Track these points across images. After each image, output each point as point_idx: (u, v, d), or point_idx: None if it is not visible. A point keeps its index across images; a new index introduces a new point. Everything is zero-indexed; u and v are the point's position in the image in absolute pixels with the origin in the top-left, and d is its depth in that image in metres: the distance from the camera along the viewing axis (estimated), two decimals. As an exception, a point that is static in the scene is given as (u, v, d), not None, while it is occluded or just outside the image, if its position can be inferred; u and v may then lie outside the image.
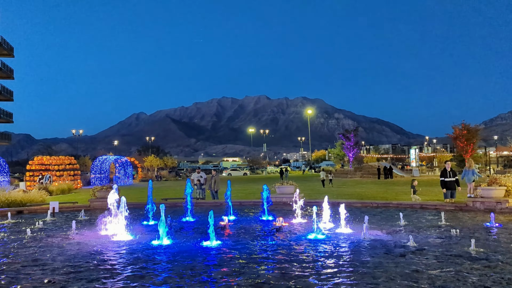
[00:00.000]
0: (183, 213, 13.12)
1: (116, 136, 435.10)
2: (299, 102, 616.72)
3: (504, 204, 13.43)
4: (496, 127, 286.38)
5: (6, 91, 56.89)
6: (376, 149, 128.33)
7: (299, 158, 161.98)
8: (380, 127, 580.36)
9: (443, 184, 15.99)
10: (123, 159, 47.18)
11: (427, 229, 10.17)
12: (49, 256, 7.91)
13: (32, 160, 36.54)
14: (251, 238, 9.40)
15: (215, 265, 6.95)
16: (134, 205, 17.21)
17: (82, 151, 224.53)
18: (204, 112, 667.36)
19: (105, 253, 8.04)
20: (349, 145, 59.85)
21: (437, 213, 12.77)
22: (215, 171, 20.76)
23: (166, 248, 8.38)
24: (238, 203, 16.71)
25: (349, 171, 52.26)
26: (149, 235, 9.94)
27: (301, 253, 7.75)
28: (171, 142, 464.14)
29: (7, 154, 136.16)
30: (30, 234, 10.42)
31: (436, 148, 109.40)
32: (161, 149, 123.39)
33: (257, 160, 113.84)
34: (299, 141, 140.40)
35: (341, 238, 9.23)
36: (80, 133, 76.72)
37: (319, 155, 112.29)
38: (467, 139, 50.69)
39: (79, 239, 9.65)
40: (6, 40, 54.40)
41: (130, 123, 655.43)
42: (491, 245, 8.15)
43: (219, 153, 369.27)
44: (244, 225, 11.38)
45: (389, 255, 7.39)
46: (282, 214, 12.66)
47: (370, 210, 14.28)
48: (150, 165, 64.78)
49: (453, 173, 16.05)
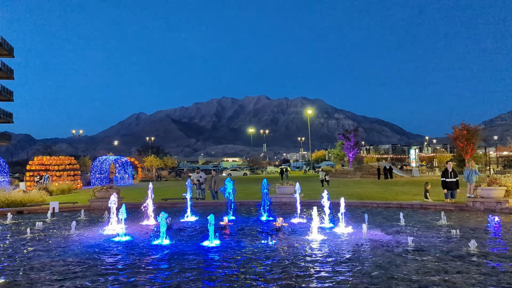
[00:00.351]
0: (183, 213, 13.12)
1: (116, 136, 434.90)
2: (299, 102, 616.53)
3: (504, 204, 13.43)
4: (496, 127, 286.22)
5: (6, 91, 56.86)
6: (376, 149, 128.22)
7: (299, 158, 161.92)
8: (380, 127, 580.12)
9: (444, 184, 15.99)
10: (123, 159, 47.15)
11: (427, 229, 10.17)
12: (49, 256, 7.90)
13: (32, 160, 36.52)
14: (251, 238, 9.39)
15: (214, 265, 6.95)
16: (133, 205, 17.22)
17: (82, 151, 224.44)
18: (204, 112, 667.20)
19: (105, 253, 8.03)
20: (349, 145, 59.79)
21: (437, 213, 12.76)
22: (214, 171, 20.77)
23: (166, 248, 8.37)
24: (238, 203, 16.68)
25: (349, 171, 52.22)
26: (149, 235, 9.94)
27: (301, 253, 7.75)
28: (171, 142, 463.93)
29: (7, 154, 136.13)
30: (30, 234, 10.41)
31: (436, 148, 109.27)
32: (161, 149, 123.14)
33: (257, 160, 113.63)
34: (299, 141, 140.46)
35: (341, 238, 9.22)
36: (80, 133, 76.75)
37: (319, 155, 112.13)
38: (467, 139, 50.68)
39: (79, 239, 9.65)
40: (6, 41, 54.37)
41: (130, 123, 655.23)
42: (491, 245, 8.15)
43: (219, 153, 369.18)
44: (244, 225, 11.38)
45: (389, 255, 7.38)
46: (282, 214, 12.65)
47: (370, 210, 14.27)
48: (150, 165, 64.70)
49: (454, 174, 16.05)
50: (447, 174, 16.00)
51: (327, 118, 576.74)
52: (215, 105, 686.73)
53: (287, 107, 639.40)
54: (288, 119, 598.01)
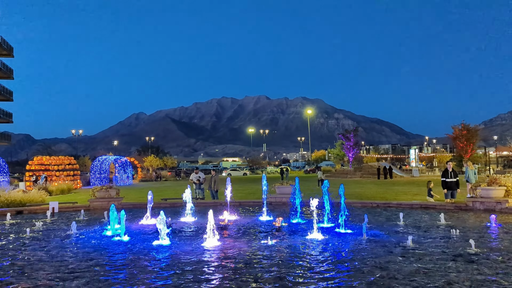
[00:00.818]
0: (182, 213, 13.12)
1: (116, 136, 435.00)
2: (299, 102, 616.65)
3: (504, 204, 13.43)
4: (495, 127, 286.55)
5: (5, 91, 56.85)
6: (376, 149, 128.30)
7: (299, 158, 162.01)
8: (380, 127, 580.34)
9: (444, 184, 15.98)
10: (123, 159, 47.12)
11: (427, 229, 10.17)
12: (49, 256, 7.90)
13: (32, 160, 36.51)
14: (251, 238, 9.39)
15: (213, 265, 6.95)
16: (133, 205, 17.23)
17: (82, 151, 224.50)
18: (204, 112, 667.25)
19: (105, 254, 8.03)
20: (349, 145, 59.80)
21: (437, 213, 12.76)
22: (214, 171, 20.80)
23: (166, 248, 8.37)
24: (238, 203, 16.71)
25: (349, 171, 52.23)
26: (149, 235, 9.94)
27: (300, 253, 7.74)
28: (170, 142, 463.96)
29: (7, 154, 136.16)
30: (29, 234, 10.41)
31: (436, 148, 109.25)
32: (160, 149, 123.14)
33: (257, 160, 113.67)
34: (298, 141, 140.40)
35: (340, 238, 9.22)
36: (80, 133, 76.67)
37: (319, 155, 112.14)
38: (467, 139, 50.73)
39: (79, 239, 9.64)
40: (6, 40, 54.37)
41: (129, 123, 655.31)
42: (491, 245, 8.15)
43: (219, 153, 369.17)
44: (243, 225, 11.37)
45: (389, 255, 7.38)
46: (281, 214, 12.65)
47: (370, 210, 14.27)
48: (150, 165, 64.68)
49: (454, 174, 16.04)
50: (447, 174, 16.00)
51: (327, 118, 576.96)
52: (215, 105, 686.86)
53: (287, 107, 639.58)
54: (288, 119, 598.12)
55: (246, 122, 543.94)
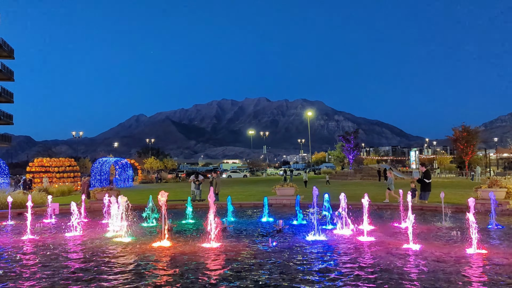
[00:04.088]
0: (183, 215, 13.12)
1: (116, 138, 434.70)
2: (299, 104, 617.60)
3: (505, 206, 13.42)
4: (496, 129, 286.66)
5: (6, 93, 56.90)
6: (376, 151, 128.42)
7: (299, 160, 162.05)
8: (380, 129, 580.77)
9: (427, 186, 15.61)
10: (123, 161, 47.13)
11: (427, 230, 10.16)
12: (49, 257, 7.89)
13: (32, 162, 36.54)
14: (251, 240, 9.38)
15: (215, 266, 6.94)
16: (133, 207, 17.18)
17: (82, 153, 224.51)
18: (204, 114, 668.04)
19: (105, 254, 8.02)
20: (349, 147, 59.84)
21: (438, 214, 12.75)
22: (215, 173, 20.65)
23: (167, 249, 8.36)
24: (238, 205, 16.70)
25: (349, 173, 52.20)
26: (149, 236, 9.93)
27: (301, 254, 7.73)
28: (171, 144, 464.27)
29: (7, 156, 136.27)
30: (30, 236, 10.39)
31: (436, 150, 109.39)
32: (161, 151, 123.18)
33: (257, 162, 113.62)
34: (299, 143, 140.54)
35: (341, 239, 9.22)
36: (80, 135, 76.81)
37: (319, 157, 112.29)
38: (467, 141, 50.71)
39: (79, 240, 9.64)
40: (6, 42, 54.45)
41: (130, 125, 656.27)
42: (492, 247, 8.14)
43: (219, 155, 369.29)
44: (244, 227, 11.36)
45: (389, 256, 7.37)
46: (282, 216, 12.64)
47: (370, 211, 14.22)
48: (150, 167, 64.67)
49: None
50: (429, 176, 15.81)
51: (327, 120, 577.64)
52: (215, 107, 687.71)
53: (287, 109, 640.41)
54: (288, 121, 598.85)
55: (246, 124, 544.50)
